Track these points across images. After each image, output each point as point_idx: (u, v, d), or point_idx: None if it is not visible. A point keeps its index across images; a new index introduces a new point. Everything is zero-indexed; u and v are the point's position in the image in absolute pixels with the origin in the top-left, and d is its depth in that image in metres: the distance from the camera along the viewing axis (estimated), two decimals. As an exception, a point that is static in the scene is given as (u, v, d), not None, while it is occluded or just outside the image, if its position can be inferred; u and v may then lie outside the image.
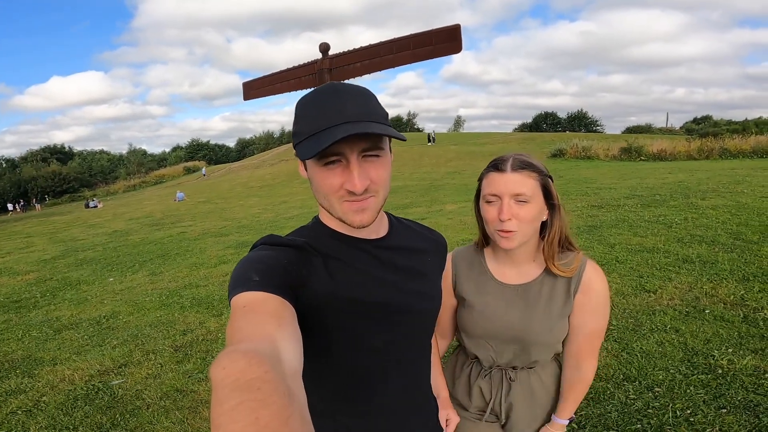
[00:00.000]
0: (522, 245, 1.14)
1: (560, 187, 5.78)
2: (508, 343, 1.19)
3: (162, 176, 48.75)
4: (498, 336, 1.20)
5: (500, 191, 1.09)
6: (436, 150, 28.25)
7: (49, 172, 53.33)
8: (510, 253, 1.18)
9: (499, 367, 1.24)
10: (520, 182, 1.08)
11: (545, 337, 1.17)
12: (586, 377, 1.21)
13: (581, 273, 1.16)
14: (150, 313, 4.97)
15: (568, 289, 1.17)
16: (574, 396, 1.23)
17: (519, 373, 1.23)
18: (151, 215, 16.32)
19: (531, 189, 1.08)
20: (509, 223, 1.08)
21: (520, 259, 1.20)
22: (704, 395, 2.48)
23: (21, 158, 70.59)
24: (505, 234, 1.10)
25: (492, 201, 1.11)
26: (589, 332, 1.18)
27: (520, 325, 1.17)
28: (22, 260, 9.41)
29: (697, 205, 7.05)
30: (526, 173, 1.08)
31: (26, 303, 5.96)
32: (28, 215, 28.80)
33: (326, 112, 0.76)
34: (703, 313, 3.44)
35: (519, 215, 1.08)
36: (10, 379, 3.56)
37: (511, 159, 1.11)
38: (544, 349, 1.20)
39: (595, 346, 1.21)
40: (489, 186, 1.12)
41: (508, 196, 1.08)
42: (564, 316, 1.17)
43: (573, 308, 1.17)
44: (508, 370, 1.24)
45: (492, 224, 1.12)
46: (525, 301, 1.18)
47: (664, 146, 18.83)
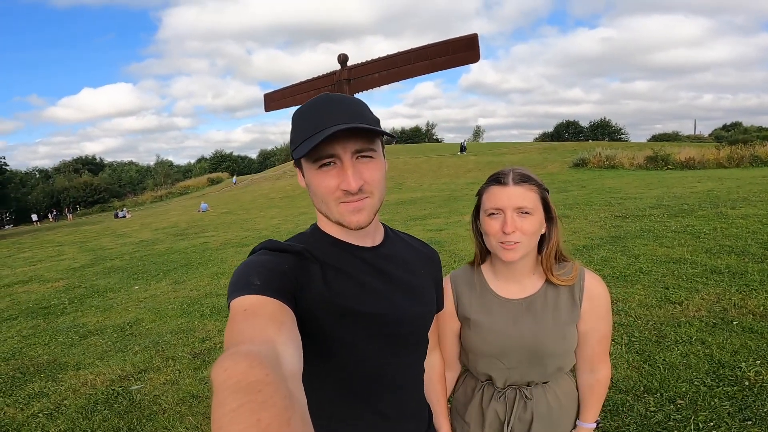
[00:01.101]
0: (523, 258, 1.15)
1: (583, 197, 5.72)
2: (522, 358, 1.18)
3: (187, 187, 49.79)
4: (511, 352, 1.18)
5: (503, 204, 1.09)
6: (455, 161, 28.15)
7: (81, 183, 55.11)
8: (511, 267, 1.19)
9: (512, 386, 1.22)
10: (523, 195, 1.09)
11: (559, 345, 1.17)
12: (604, 378, 1.24)
13: (582, 281, 1.19)
14: (171, 320, 5.07)
15: (572, 298, 1.18)
16: (595, 399, 1.26)
17: (534, 390, 1.21)
18: (176, 225, 16.69)
19: (533, 202, 1.10)
20: (513, 236, 1.09)
21: (520, 274, 1.20)
22: (729, 407, 2.39)
23: (54, 169, 73.30)
24: (509, 246, 1.10)
25: (495, 214, 1.12)
26: (600, 336, 1.21)
27: (532, 337, 1.16)
28: (53, 268, 9.73)
29: (726, 214, 6.82)
30: (528, 186, 1.10)
31: (55, 309, 6.15)
32: (60, 224, 29.82)
33: (318, 117, 0.80)
34: (731, 324, 3.32)
35: (522, 227, 1.09)
36: (34, 383, 3.67)
37: (512, 172, 1.12)
38: (558, 359, 1.19)
39: (606, 349, 1.24)
40: (491, 200, 1.12)
41: (511, 209, 1.09)
42: (572, 323, 1.18)
43: (581, 315, 1.18)
44: (522, 388, 1.21)
45: (495, 237, 1.12)
46: (532, 314, 1.18)
47: (692, 154, 18.28)
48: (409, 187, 20.55)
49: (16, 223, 44.89)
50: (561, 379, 1.25)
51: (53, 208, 46.07)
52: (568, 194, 11.92)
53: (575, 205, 9.81)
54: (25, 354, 4.40)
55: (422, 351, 1.04)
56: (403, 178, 23.54)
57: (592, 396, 1.26)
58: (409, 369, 0.99)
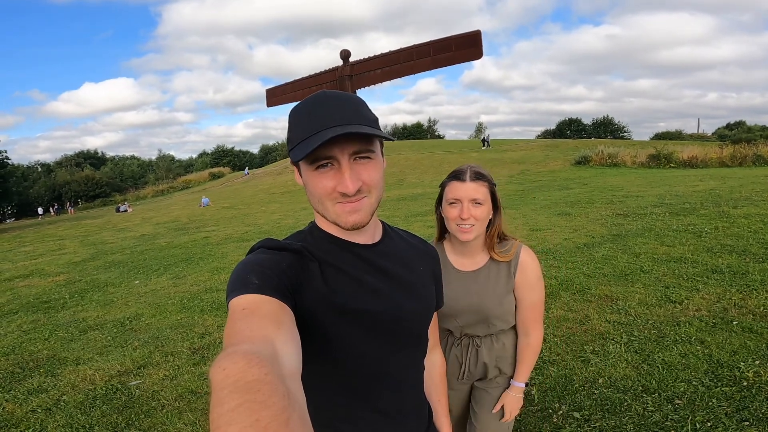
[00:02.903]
0: (475, 238, 1.44)
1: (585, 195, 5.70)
2: (472, 317, 1.50)
3: (189, 182, 49.80)
4: (463, 312, 1.50)
5: (461, 196, 1.39)
6: (457, 157, 28.10)
7: (83, 177, 55.15)
8: (466, 245, 1.47)
9: (467, 335, 1.55)
10: (477, 189, 1.39)
11: (498, 309, 1.48)
12: (534, 342, 1.53)
13: (518, 257, 1.48)
14: (171, 315, 5.08)
15: (508, 271, 1.48)
16: (527, 360, 1.54)
17: (484, 339, 1.54)
18: (177, 220, 16.71)
19: (484, 195, 1.40)
20: (468, 221, 1.38)
21: (472, 251, 1.51)
22: (727, 408, 2.39)
23: (56, 163, 73.22)
24: (465, 229, 1.40)
25: (454, 203, 1.41)
26: (530, 303, 1.50)
27: (478, 302, 1.48)
28: (54, 262, 9.76)
29: (728, 213, 6.80)
30: (481, 183, 1.40)
31: (55, 304, 6.16)
32: (61, 218, 29.88)
33: (316, 118, 0.78)
34: (731, 324, 3.31)
35: (476, 214, 1.39)
36: (33, 378, 3.67)
37: (469, 170, 1.41)
38: (499, 319, 1.50)
39: (538, 315, 1.52)
40: (451, 192, 1.42)
41: (467, 200, 1.38)
42: (509, 291, 1.49)
43: (515, 285, 1.48)
44: (474, 338, 1.55)
45: (454, 221, 1.41)
46: (478, 284, 1.49)
47: (695, 153, 18.21)
48: (411, 183, 20.52)
49: (17, 217, 45.02)
50: (507, 333, 1.56)
51: (55, 202, 46.14)
52: (570, 192, 11.89)
53: (576, 202, 9.78)
54: (25, 349, 4.41)
55: (422, 348, 1.04)
56: (404, 174, 23.51)
57: (524, 357, 1.54)
58: (408, 366, 0.99)
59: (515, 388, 1.57)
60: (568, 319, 3.76)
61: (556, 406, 2.62)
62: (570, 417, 2.51)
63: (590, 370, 2.95)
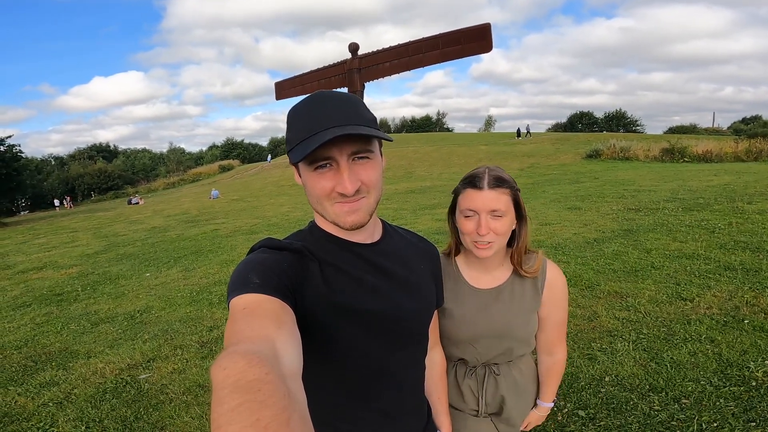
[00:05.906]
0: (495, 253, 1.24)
1: (595, 189, 5.61)
2: (492, 342, 1.29)
3: (199, 174, 50.17)
4: (483, 337, 1.29)
5: (478, 207, 1.16)
6: (465, 150, 27.95)
7: (96, 170, 55.88)
8: (483, 260, 1.26)
9: (483, 364, 1.33)
10: (496, 199, 1.15)
11: (523, 330, 1.29)
12: (560, 361, 1.38)
13: (544, 272, 1.30)
14: (180, 308, 5.13)
15: (535, 287, 1.29)
16: (553, 380, 1.40)
17: (501, 367, 1.34)
18: (187, 212, 16.85)
19: (505, 204, 1.17)
20: (487, 236, 1.16)
21: (492, 266, 1.30)
22: (734, 408, 2.37)
23: (69, 156, 74.13)
24: (482, 246, 1.18)
25: (470, 215, 1.18)
26: (556, 322, 1.34)
27: (501, 324, 1.27)
28: (67, 254, 9.90)
29: (742, 209, 6.69)
30: (501, 190, 1.16)
31: (68, 296, 6.26)
32: (75, 211, 30.30)
33: (314, 119, 0.78)
34: (742, 323, 3.26)
35: (495, 228, 1.16)
36: (45, 372, 3.74)
37: (487, 176, 1.17)
38: (522, 342, 1.32)
39: (563, 334, 1.37)
40: (466, 202, 1.19)
41: (485, 212, 1.16)
42: (534, 310, 1.30)
43: (541, 303, 1.30)
44: (491, 366, 1.33)
45: (470, 236, 1.19)
46: (501, 302, 1.29)
47: (710, 147, 17.91)
48: (419, 176, 20.46)
49: (31, 209, 45.71)
50: (525, 358, 1.38)
51: (68, 195, 46.81)
52: (580, 186, 11.77)
53: (587, 197, 9.68)
54: (38, 342, 4.49)
55: (422, 347, 1.04)
56: (413, 166, 23.45)
57: (550, 377, 1.39)
58: (409, 366, 0.99)
59: (542, 408, 1.44)
60: (575, 316, 3.73)
61: (561, 404, 2.61)
62: (575, 415, 2.50)
63: (597, 367, 2.93)
